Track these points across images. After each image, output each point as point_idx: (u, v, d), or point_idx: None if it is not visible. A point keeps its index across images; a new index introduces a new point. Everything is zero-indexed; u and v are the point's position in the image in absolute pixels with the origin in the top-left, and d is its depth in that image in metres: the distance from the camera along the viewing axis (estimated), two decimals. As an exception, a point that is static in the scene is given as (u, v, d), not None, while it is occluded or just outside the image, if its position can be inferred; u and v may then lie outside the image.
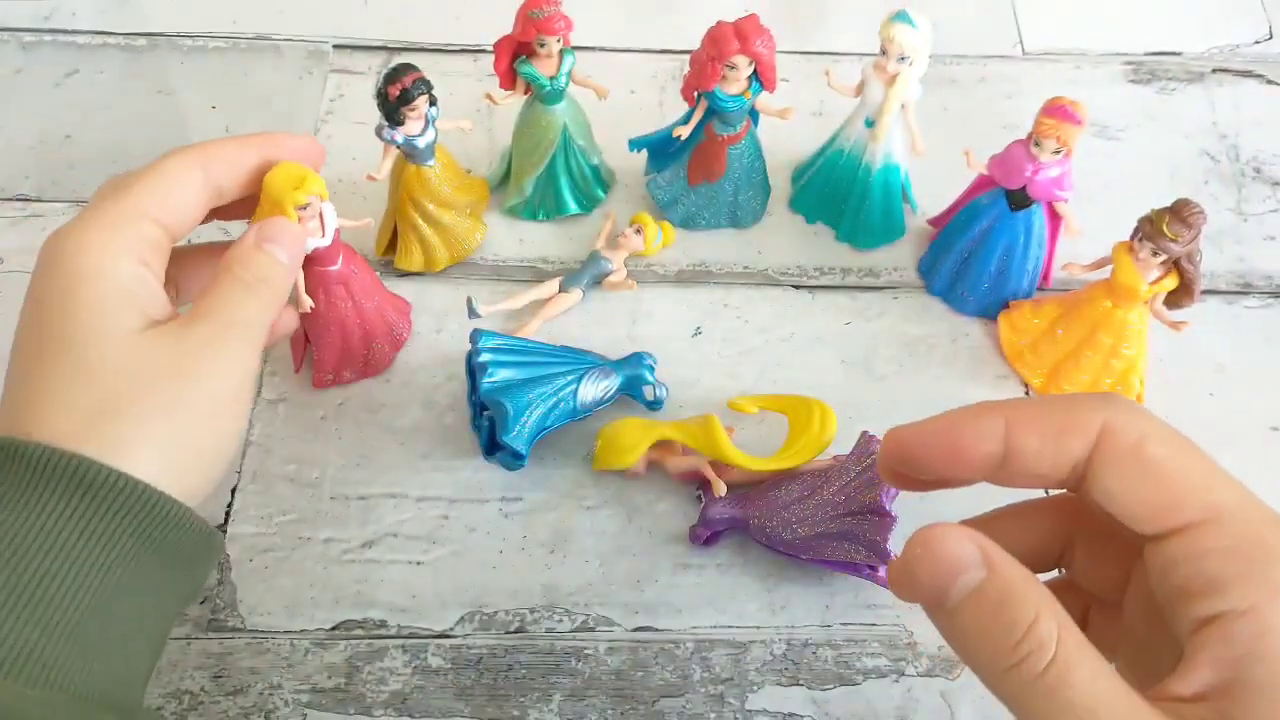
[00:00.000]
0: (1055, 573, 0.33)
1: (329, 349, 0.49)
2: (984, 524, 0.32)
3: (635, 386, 0.49)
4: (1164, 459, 0.26)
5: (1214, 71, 0.65)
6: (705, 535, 0.46)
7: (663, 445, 0.48)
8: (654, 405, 0.50)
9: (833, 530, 0.44)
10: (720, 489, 0.46)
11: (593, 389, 0.48)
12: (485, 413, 0.48)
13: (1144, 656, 0.29)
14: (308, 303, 0.47)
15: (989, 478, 0.28)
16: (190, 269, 0.42)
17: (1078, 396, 0.28)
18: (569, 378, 0.47)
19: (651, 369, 0.49)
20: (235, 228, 0.47)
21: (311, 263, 0.46)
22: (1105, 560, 0.31)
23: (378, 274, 0.54)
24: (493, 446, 0.48)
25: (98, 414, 0.33)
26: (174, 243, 0.39)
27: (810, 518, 0.44)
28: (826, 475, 0.45)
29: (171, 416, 0.34)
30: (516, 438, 0.46)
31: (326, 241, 0.45)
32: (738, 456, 0.45)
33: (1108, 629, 0.31)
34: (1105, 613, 0.31)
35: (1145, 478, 0.26)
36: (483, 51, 0.63)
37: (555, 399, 0.47)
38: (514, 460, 0.47)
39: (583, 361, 0.49)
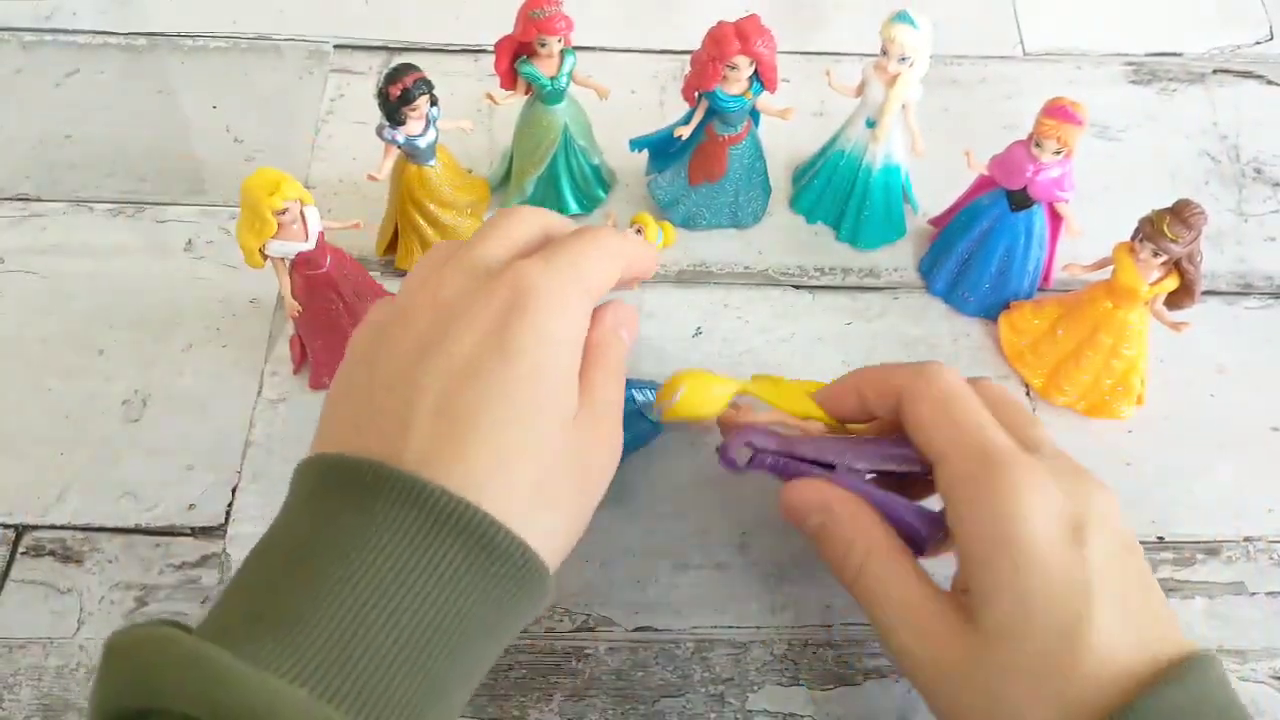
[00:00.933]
0: None
1: (324, 351, 0.49)
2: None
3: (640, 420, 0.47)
4: (921, 415, 0.38)
5: (1215, 72, 0.65)
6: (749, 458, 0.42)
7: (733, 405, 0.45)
8: (658, 428, 0.48)
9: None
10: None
11: None
12: None
13: None
14: (295, 307, 0.47)
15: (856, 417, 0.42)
16: None
17: (894, 367, 0.41)
18: None
19: (641, 398, 0.47)
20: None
21: (298, 266, 0.46)
22: None
23: (378, 274, 0.54)
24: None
25: (532, 494, 0.32)
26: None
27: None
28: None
29: (575, 501, 0.35)
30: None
31: (310, 245, 0.46)
32: (820, 412, 0.43)
33: None
34: None
35: (914, 428, 0.39)
36: (483, 51, 0.63)
37: None
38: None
39: None
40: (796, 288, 0.55)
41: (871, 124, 0.53)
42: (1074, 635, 0.32)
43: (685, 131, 0.53)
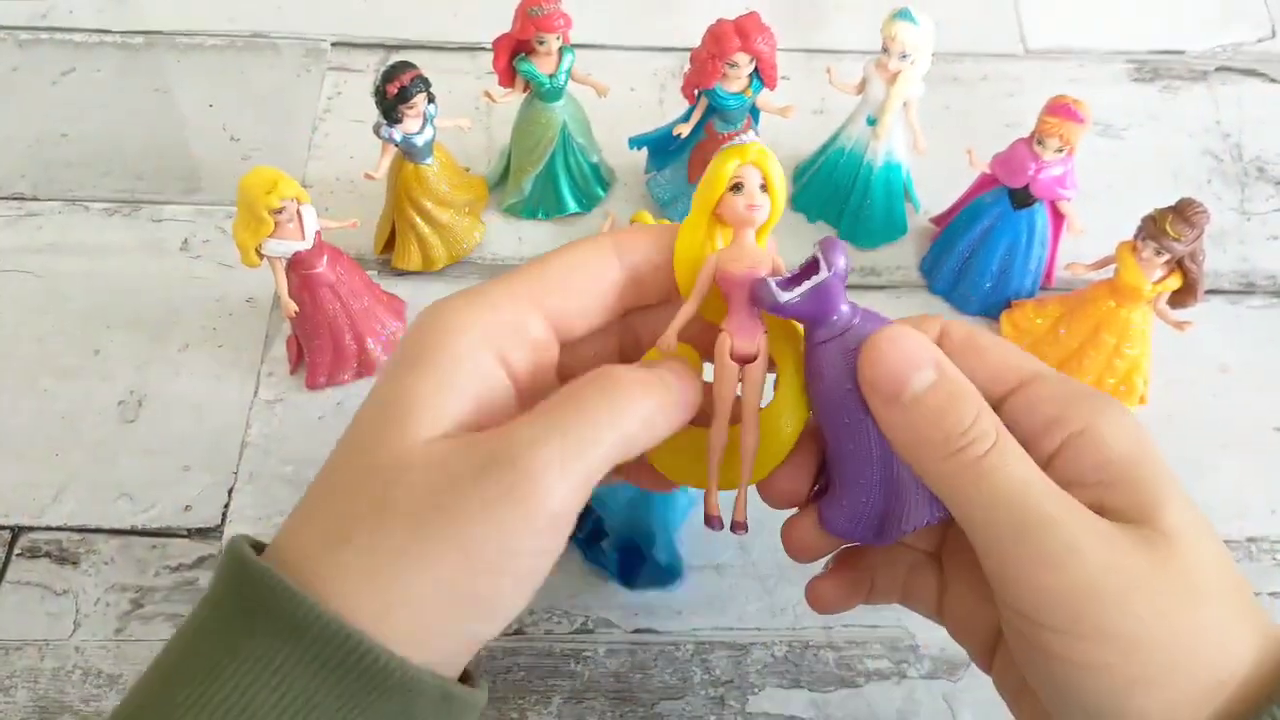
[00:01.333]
0: None
1: (321, 351, 0.49)
2: None
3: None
4: (990, 344, 0.31)
5: (1217, 70, 0.64)
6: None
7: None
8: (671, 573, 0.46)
9: None
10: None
11: None
12: (602, 542, 0.44)
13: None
14: (292, 306, 0.47)
15: None
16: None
17: (917, 318, 0.33)
18: None
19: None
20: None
21: (294, 266, 0.46)
22: None
23: (375, 273, 0.53)
24: (631, 570, 0.45)
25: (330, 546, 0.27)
26: (568, 338, 0.31)
27: None
28: None
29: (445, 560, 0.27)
30: (671, 553, 0.44)
31: (307, 244, 0.45)
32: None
33: None
34: None
35: (979, 356, 0.31)
36: (481, 49, 0.63)
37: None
38: (670, 577, 0.44)
39: None
40: (797, 287, 0.55)
41: (872, 122, 0.53)
42: (1226, 557, 0.29)
43: (685, 129, 0.53)
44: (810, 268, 0.30)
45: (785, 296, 0.30)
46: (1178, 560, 0.27)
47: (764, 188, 0.31)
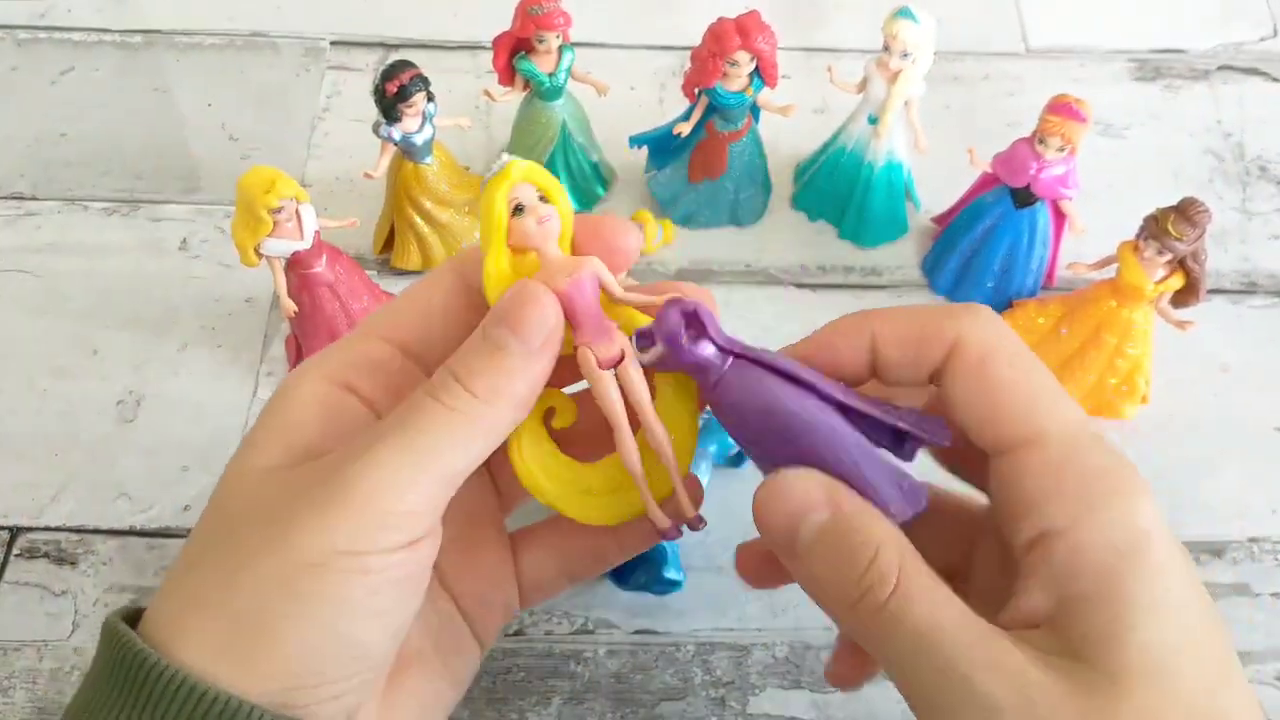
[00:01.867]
0: None
1: (320, 351, 0.49)
2: None
3: (722, 452, 0.46)
4: (1002, 378, 0.27)
5: (1219, 69, 0.64)
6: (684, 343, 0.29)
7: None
8: (739, 463, 0.47)
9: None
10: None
11: None
12: None
13: (1002, 588, 0.29)
14: (291, 306, 0.47)
15: (865, 383, 0.30)
16: None
17: (937, 309, 0.29)
18: None
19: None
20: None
21: (293, 265, 0.46)
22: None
23: (375, 273, 0.53)
24: (626, 575, 0.45)
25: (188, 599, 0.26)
26: (435, 354, 0.30)
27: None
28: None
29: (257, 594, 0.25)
30: (679, 568, 0.44)
31: (306, 244, 0.45)
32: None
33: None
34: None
35: (982, 394, 0.27)
36: (481, 48, 0.62)
37: None
38: (671, 587, 0.44)
39: None
40: (798, 286, 0.55)
41: (874, 121, 0.53)
42: (1228, 669, 0.25)
43: (685, 128, 0.52)
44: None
45: (643, 358, 0.29)
46: (1124, 713, 0.23)
47: (544, 198, 0.30)
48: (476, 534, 0.33)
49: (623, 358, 0.30)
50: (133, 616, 0.27)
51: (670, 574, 0.44)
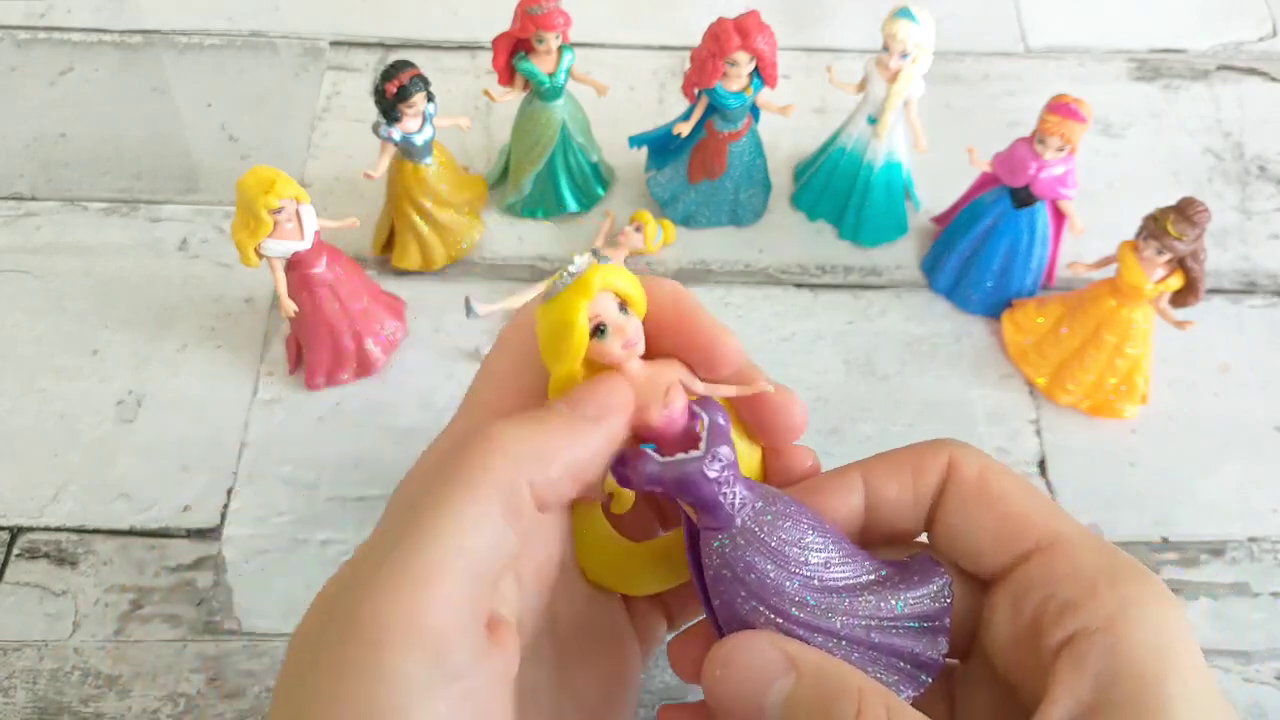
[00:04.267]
0: None
1: (320, 351, 0.49)
2: None
3: None
4: (1005, 489, 0.27)
5: (1218, 69, 0.64)
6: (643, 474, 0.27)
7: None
8: None
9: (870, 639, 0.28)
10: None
11: None
12: None
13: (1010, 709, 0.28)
14: (291, 307, 0.47)
15: (854, 535, 0.29)
16: None
17: (918, 444, 0.28)
18: None
19: None
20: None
21: (293, 266, 0.46)
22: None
23: (374, 273, 0.53)
24: None
25: None
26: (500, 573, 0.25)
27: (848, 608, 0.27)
28: (883, 578, 0.28)
29: None
30: None
31: (306, 244, 0.45)
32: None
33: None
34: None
35: (990, 506, 0.27)
36: (481, 48, 0.62)
37: None
38: None
39: None
40: (798, 286, 0.55)
41: (873, 120, 0.53)
42: None
43: (685, 128, 0.52)
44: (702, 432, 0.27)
45: (651, 468, 0.26)
46: None
47: (624, 306, 0.26)
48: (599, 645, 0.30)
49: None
50: None
51: None
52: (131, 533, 0.46)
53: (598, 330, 0.26)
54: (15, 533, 0.46)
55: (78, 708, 0.42)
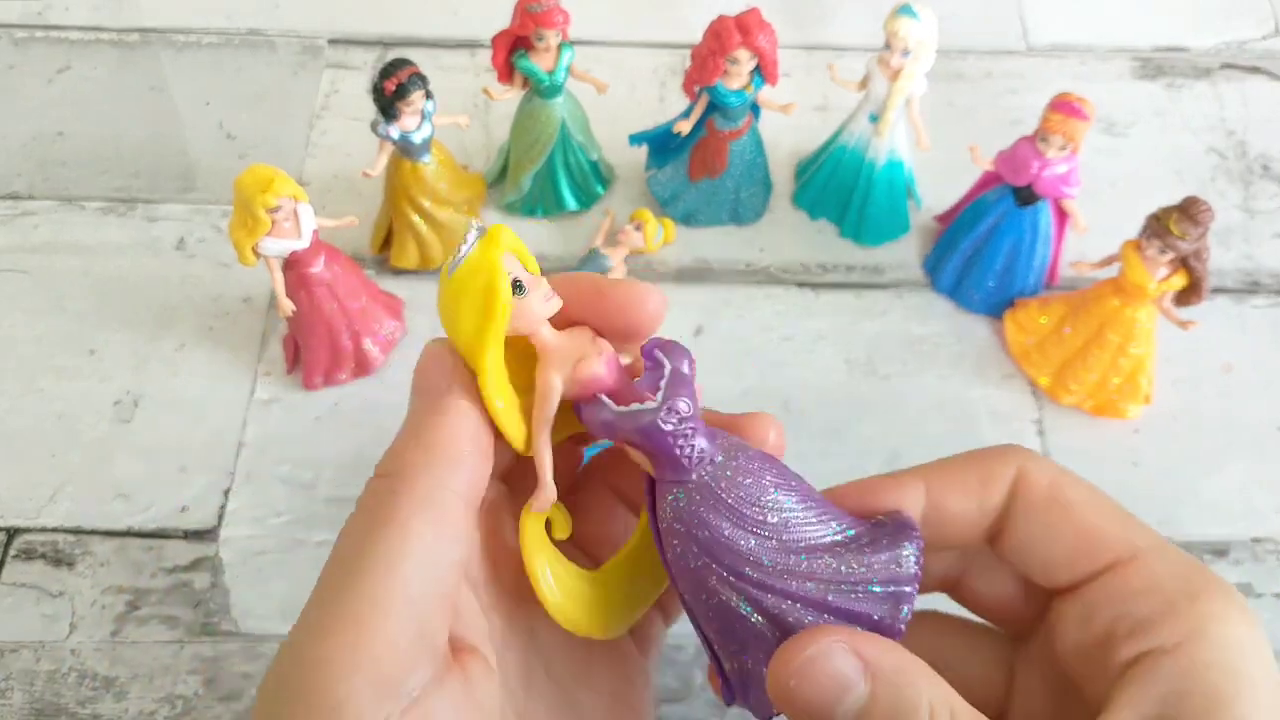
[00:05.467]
0: None
1: (317, 350, 0.49)
2: None
3: None
4: (1080, 501, 0.26)
5: (1222, 67, 0.64)
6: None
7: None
8: None
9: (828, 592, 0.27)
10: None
11: None
12: None
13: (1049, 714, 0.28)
14: (289, 306, 0.47)
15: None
16: None
17: (984, 451, 0.27)
18: None
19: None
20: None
21: (291, 265, 0.46)
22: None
23: (373, 272, 0.53)
24: None
25: None
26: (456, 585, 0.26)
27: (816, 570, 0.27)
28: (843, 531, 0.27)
29: None
30: None
31: (304, 243, 0.45)
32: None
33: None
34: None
35: (1064, 520, 0.26)
36: (480, 46, 0.62)
37: None
38: None
39: None
40: (799, 285, 0.55)
41: (875, 119, 0.52)
42: None
43: (685, 126, 0.52)
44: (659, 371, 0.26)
45: (609, 413, 0.25)
46: None
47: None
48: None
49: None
50: None
51: None
52: (129, 533, 0.46)
53: (516, 286, 0.25)
54: (12, 533, 0.46)
55: (75, 709, 0.42)
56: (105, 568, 0.45)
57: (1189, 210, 0.44)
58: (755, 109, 0.52)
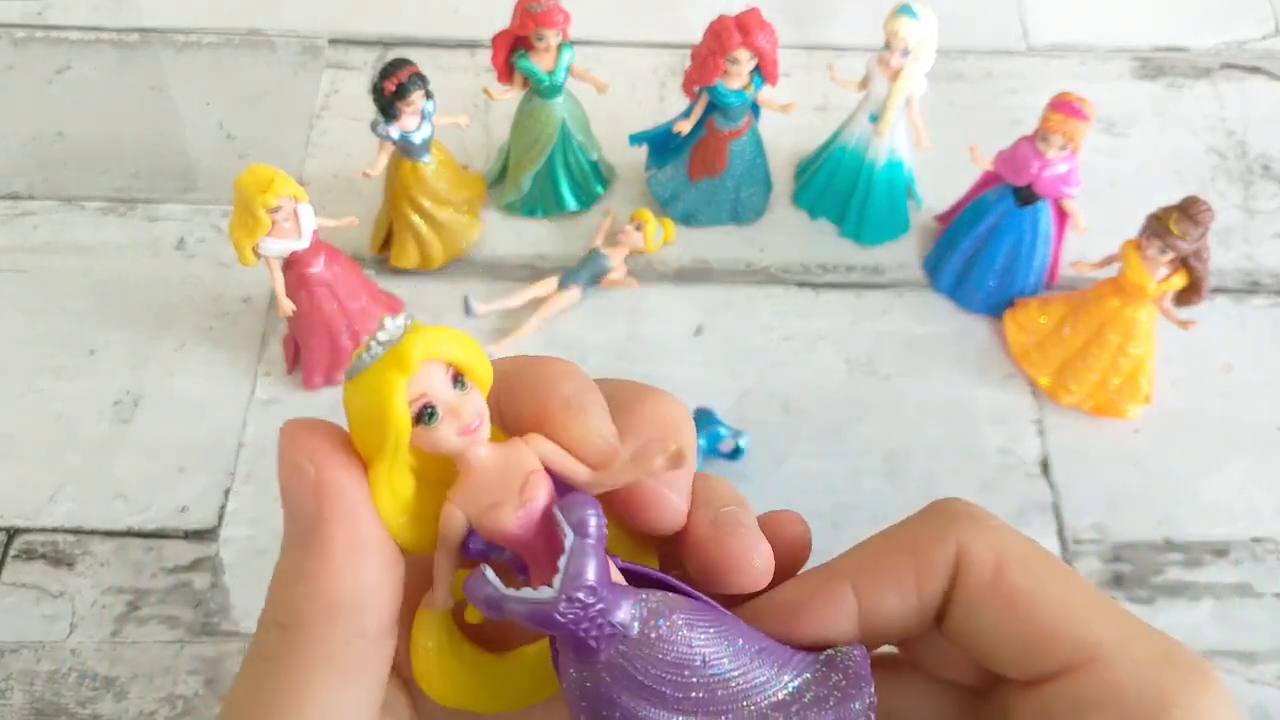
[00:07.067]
0: None
1: (317, 351, 0.49)
2: None
3: (712, 446, 0.47)
4: (1027, 590, 0.22)
5: (1221, 67, 0.64)
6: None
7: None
8: (735, 456, 0.47)
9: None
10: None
11: None
12: None
13: None
14: (289, 306, 0.46)
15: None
16: None
17: (917, 529, 0.23)
18: None
19: (718, 420, 0.46)
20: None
21: (291, 265, 0.46)
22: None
23: (373, 272, 0.53)
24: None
25: None
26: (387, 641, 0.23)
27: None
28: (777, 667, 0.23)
29: None
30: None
31: (304, 244, 0.45)
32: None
33: None
34: None
35: (1010, 615, 0.22)
36: (480, 46, 0.62)
37: None
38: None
39: None
40: (799, 285, 0.55)
41: (875, 119, 0.52)
42: None
43: (685, 126, 0.52)
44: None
45: (504, 596, 0.20)
46: None
47: (459, 378, 0.21)
48: None
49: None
50: None
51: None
52: (129, 534, 0.46)
53: (425, 414, 0.20)
54: (12, 533, 0.46)
55: (75, 709, 0.42)
56: (105, 568, 0.45)
57: (1189, 210, 0.44)
58: (755, 109, 0.52)
